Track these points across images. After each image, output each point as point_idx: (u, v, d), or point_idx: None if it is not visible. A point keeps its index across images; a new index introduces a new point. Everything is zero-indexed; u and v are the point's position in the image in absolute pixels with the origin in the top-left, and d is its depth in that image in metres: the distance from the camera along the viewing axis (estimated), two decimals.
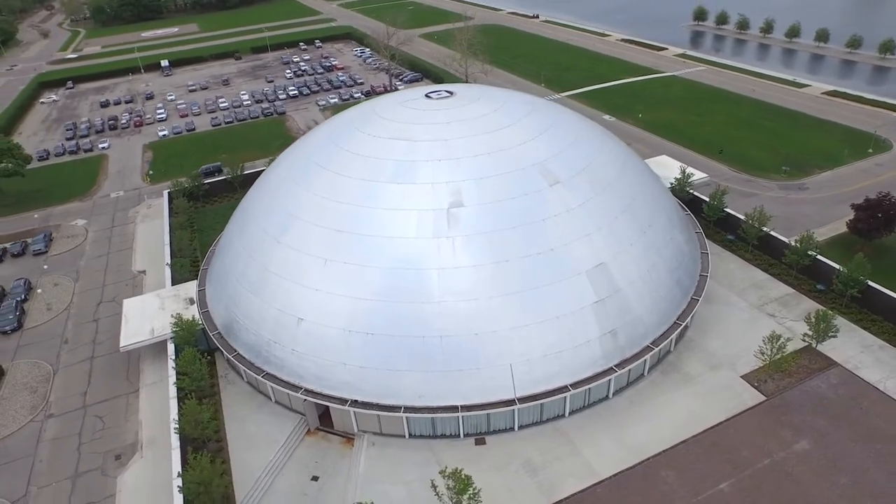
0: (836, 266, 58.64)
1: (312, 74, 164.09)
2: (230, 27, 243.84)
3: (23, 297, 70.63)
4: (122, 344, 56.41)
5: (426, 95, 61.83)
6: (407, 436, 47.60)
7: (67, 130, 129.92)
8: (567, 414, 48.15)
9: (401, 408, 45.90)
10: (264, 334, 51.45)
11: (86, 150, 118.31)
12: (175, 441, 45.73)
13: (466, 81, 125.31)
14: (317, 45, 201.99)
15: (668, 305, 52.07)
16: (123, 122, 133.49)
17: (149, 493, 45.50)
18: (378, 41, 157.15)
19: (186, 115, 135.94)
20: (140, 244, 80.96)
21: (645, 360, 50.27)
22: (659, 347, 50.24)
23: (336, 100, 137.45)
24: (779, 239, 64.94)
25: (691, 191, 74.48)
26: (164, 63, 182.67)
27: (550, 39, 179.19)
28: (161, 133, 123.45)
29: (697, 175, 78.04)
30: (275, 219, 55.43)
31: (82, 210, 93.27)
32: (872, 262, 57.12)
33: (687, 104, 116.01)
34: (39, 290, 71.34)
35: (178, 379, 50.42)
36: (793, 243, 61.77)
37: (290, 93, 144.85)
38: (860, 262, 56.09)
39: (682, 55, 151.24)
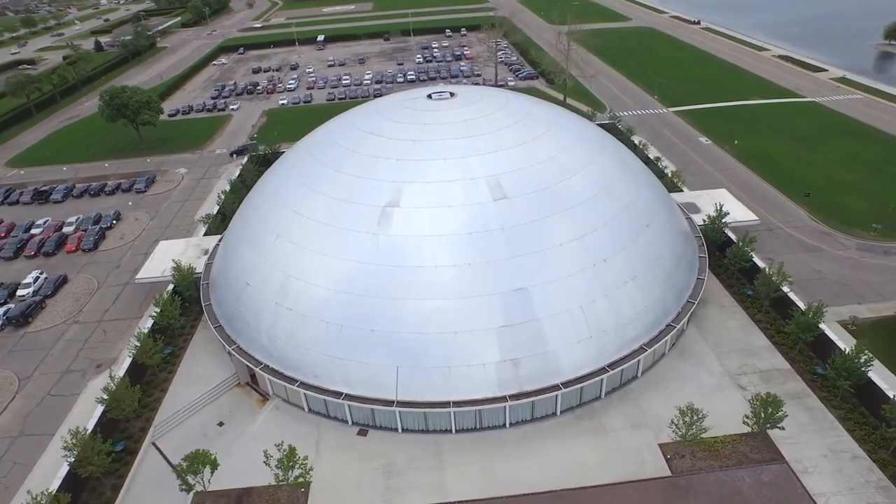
0: (844, 347, 49.39)
1: (440, 62, 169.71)
2: (401, 8, 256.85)
3: (109, 224, 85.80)
4: (137, 277, 66.94)
5: (427, 96, 62.92)
6: (306, 409, 50.82)
7: (215, 90, 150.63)
8: (453, 430, 47.68)
9: (298, 382, 49.24)
10: (227, 292, 57.74)
11: (219, 110, 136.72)
12: (126, 363, 54.14)
13: (565, 84, 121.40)
14: (462, 33, 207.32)
15: (596, 349, 48.35)
16: (260, 88, 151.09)
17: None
18: (489, 30, 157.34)
19: (312, 88, 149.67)
20: (211, 197, 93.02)
21: (556, 398, 47.69)
22: (570, 389, 47.14)
23: None
24: (798, 305, 55.87)
25: (728, 232, 66.52)
26: (320, 38, 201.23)
27: (697, 48, 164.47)
28: (281, 101, 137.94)
29: (746, 217, 69.10)
30: (263, 194, 61.23)
31: (189, 161, 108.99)
32: None
33: (806, 136, 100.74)
34: (115, 221, 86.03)
35: (153, 314, 58.99)
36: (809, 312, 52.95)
37: (409, 77, 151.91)
38: (861, 348, 46.76)
39: (841, 79, 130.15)
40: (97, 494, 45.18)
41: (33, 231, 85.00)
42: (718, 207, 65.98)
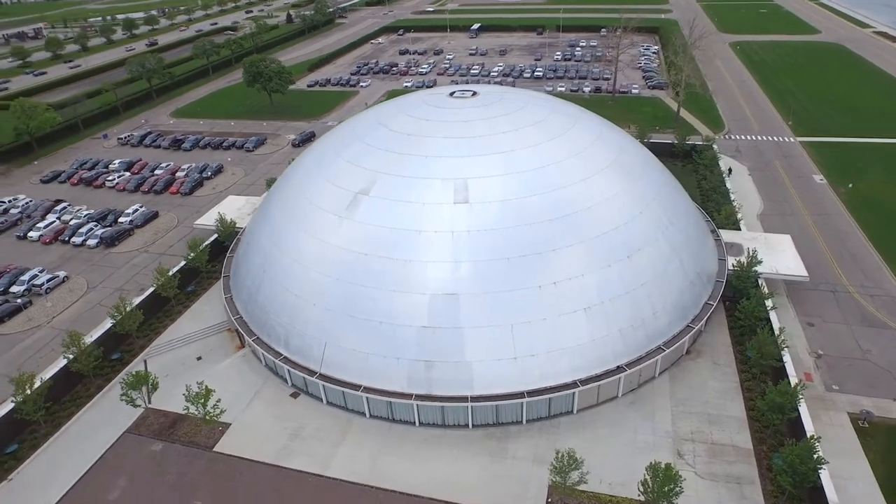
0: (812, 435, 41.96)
1: (578, 61, 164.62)
2: (573, 3, 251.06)
3: (209, 175, 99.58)
4: (195, 222, 77.87)
5: (450, 93, 63.78)
6: (263, 363, 56.29)
7: (357, 67, 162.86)
8: (367, 415, 49.69)
9: (255, 337, 54.79)
10: (240, 249, 65.32)
11: (351, 85, 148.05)
12: (147, 291, 64.38)
13: (678, 95, 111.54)
14: (616, 33, 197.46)
15: (519, 372, 46.68)
16: (395, 69, 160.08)
17: None
18: (611, 32, 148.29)
19: (442, 74, 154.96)
20: None
21: (467, 410, 47.37)
22: (480, 405, 46.46)
23: (563, 89, 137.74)
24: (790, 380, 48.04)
25: (762, 283, 58.44)
26: (474, 26, 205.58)
27: (882, 72, 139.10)
28: (405, 84, 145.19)
29: (794, 271, 59.96)
30: (290, 169, 67.44)
31: (300, 129, 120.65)
32: None
33: None
34: (212, 174, 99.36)
35: (186, 256, 68.77)
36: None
37: (536, 73, 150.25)
38: (812, 444, 39.51)
39: None
40: (86, 389, 55.28)
41: (156, 172, 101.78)
42: (750, 253, 58.17)
